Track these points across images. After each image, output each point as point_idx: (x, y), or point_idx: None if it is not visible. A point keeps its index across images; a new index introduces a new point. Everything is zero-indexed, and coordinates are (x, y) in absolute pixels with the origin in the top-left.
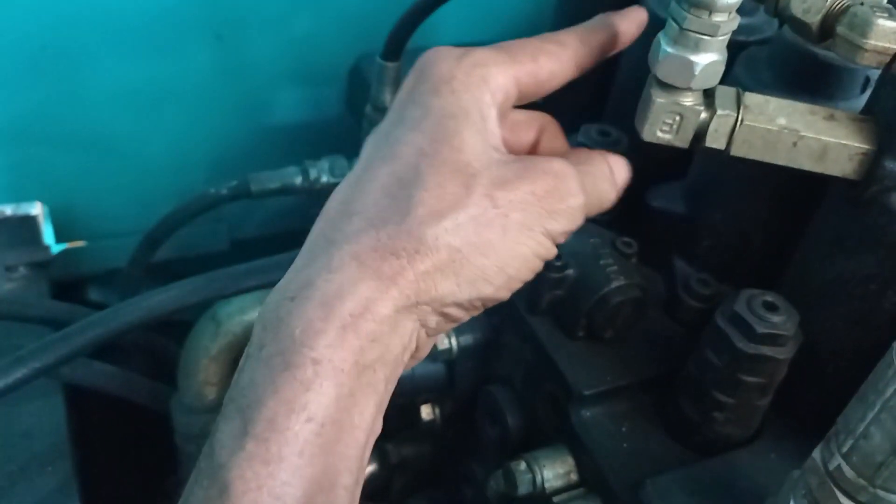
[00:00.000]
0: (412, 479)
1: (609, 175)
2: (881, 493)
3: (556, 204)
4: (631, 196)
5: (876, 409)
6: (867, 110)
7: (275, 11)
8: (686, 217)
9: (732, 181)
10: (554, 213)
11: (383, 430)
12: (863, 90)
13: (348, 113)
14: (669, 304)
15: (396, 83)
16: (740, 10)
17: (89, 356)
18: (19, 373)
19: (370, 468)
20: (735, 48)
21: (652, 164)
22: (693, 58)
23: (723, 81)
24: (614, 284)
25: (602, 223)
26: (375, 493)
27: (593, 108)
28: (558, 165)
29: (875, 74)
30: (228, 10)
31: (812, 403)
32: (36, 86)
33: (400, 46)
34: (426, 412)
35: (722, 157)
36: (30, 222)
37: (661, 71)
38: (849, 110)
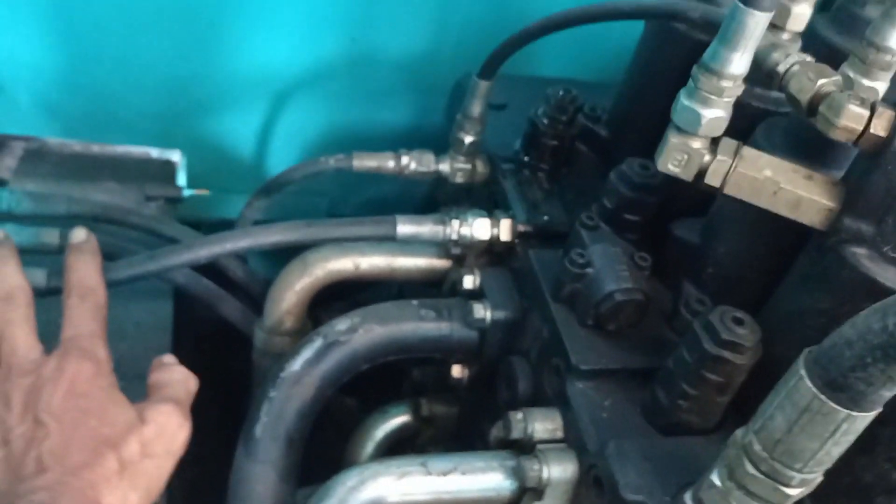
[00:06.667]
0: (437, 433)
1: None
2: (777, 465)
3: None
4: (659, 224)
5: (781, 397)
6: (845, 177)
7: (402, 27)
8: (698, 247)
9: (736, 221)
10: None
11: (420, 385)
12: None
13: (446, 121)
14: (670, 315)
15: (485, 99)
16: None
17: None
18: (151, 266)
19: (403, 418)
20: (761, 115)
21: (682, 201)
22: (702, 111)
23: (744, 139)
24: (622, 286)
25: (631, 242)
26: (405, 440)
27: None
28: None
29: None
30: (363, 18)
31: None
32: (192, 57)
33: (495, 68)
34: (457, 371)
35: (716, 193)
36: (169, 166)
37: (678, 118)
38: (837, 177)
